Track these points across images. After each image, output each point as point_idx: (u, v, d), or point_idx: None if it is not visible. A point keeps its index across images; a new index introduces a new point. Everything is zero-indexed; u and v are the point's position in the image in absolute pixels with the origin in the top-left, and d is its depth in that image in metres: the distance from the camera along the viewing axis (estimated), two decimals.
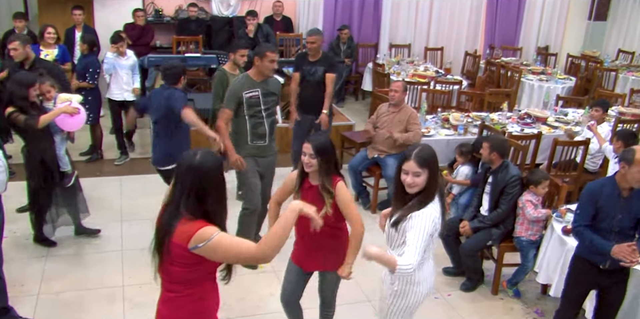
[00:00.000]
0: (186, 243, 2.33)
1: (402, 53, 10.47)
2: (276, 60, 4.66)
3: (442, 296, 4.67)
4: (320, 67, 6.12)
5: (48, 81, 5.00)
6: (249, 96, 4.63)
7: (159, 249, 2.43)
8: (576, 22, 11.65)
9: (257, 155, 4.79)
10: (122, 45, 6.83)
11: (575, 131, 6.45)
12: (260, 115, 4.70)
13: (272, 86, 4.80)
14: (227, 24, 9.68)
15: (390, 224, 2.98)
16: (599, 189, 3.53)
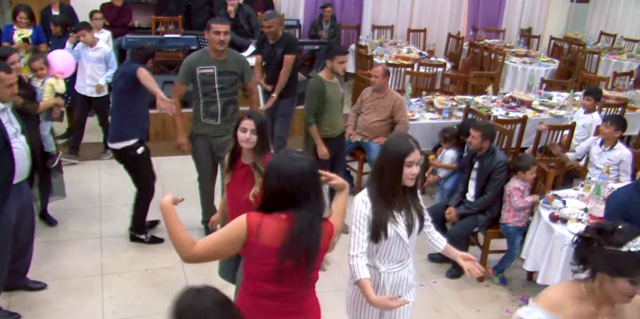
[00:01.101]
0: (328, 241, 2.43)
1: (385, 34, 10.34)
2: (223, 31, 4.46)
3: (427, 283, 4.63)
4: (279, 49, 5.92)
5: (41, 57, 4.99)
6: (202, 72, 4.53)
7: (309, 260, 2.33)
8: (559, 3, 11.61)
9: (210, 135, 4.68)
10: (84, 34, 6.14)
11: (561, 114, 6.43)
12: (214, 94, 4.59)
13: (233, 65, 4.66)
14: (207, 3, 9.43)
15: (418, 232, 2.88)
16: (627, 198, 3.37)
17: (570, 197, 4.42)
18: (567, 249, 3.90)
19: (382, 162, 2.69)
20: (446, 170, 5.40)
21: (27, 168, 3.72)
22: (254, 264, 2.36)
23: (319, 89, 4.84)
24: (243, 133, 3.17)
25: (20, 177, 3.67)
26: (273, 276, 2.32)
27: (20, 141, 3.67)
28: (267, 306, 2.40)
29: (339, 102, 5.06)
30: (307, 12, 10.13)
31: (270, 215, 2.31)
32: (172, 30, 8.67)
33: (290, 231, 2.27)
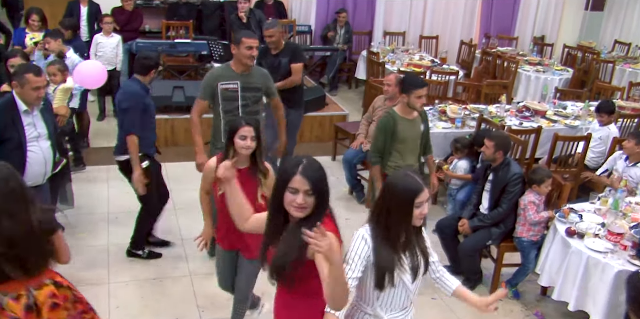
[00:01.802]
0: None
1: (397, 41, 10.27)
2: (255, 46, 4.29)
3: (439, 296, 4.54)
4: (284, 59, 5.65)
5: (59, 64, 4.98)
6: (225, 88, 4.32)
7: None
8: (572, 11, 11.49)
9: None
10: (48, 41, 5.62)
11: (575, 125, 6.33)
12: (237, 112, 4.37)
13: (259, 81, 4.47)
14: (219, 8, 9.41)
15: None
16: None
17: (587, 212, 4.33)
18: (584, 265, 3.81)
19: (389, 203, 2.39)
20: (459, 181, 5.32)
21: (42, 174, 3.70)
22: None
23: (387, 127, 4.32)
24: (243, 141, 3.19)
25: (32, 181, 3.64)
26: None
27: (41, 146, 3.66)
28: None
29: (416, 140, 4.47)
30: (319, 17, 10.07)
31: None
32: (183, 35, 8.63)
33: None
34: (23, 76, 3.53)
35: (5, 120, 3.57)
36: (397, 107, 4.40)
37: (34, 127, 3.64)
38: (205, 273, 4.62)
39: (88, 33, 7.93)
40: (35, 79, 3.55)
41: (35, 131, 3.64)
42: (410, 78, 4.42)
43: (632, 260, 3.70)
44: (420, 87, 4.21)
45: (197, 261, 4.77)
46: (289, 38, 9.37)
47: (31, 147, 3.60)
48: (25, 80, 3.53)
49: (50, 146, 3.74)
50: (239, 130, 3.19)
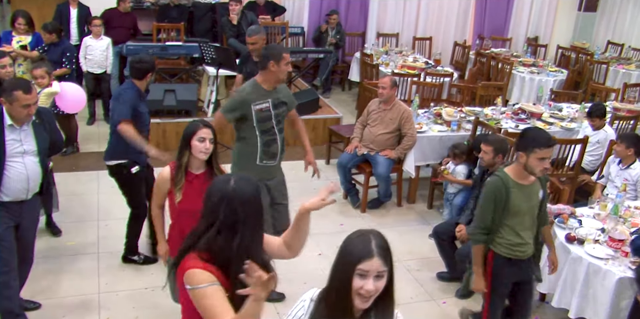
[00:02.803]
0: (181, 279, 2.12)
1: (390, 42, 10.20)
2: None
3: (436, 303, 4.47)
4: None
5: (45, 66, 4.84)
6: (259, 108, 3.96)
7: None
8: (566, 12, 11.46)
9: (266, 178, 4.09)
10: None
11: (572, 127, 6.27)
12: (273, 131, 4.07)
13: (283, 94, 4.15)
14: (210, 10, 9.31)
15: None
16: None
17: (586, 217, 4.26)
18: (584, 272, 3.75)
19: (334, 264, 1.90)
20: (456, 186, 5.25)
21: (24, 190, 3.51)
22: None
23: (498, 195, 3.32)
24: (201, 143, 3.08)
25: (12, 197, 3.49)
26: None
27: (25, 162, 3.47)
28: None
29: (533, 211, 3.44)
30: (312, 19, 9.99)
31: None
32: (174, 37, 8.52)
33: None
34: (12, 93, 3.30)
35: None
36: (510, 169, 3.36)
37: (20, 143, 3.45)
38: None
39: (78, 36, 7.81)
40: (25, 96, 3.31)
41: (20, 147, 3.45)
42: (533, 133, 3.31)
43: (634, 267, 3.63)
44: (545, 147, 3.18)
45: None
46: (282, 39, 9.29)
47: (12, 163, 3.41)
48: (14, 97, 3.31)
49: (38, 163, 3.55)
50: (197, 132, 3.08)
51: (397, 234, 5.45)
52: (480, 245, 3.47)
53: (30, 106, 3.36)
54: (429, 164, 6.05)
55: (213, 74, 7.09)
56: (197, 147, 3.08)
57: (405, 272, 4.84)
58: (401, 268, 4.91)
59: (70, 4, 7.82)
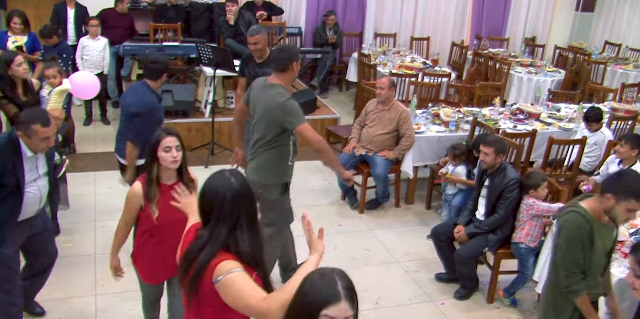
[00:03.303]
0: (210, 277, 2.12)
1: (388, 43, 10.18)
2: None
3: (435, 304, 4.45)
4: (268, 69, 4.94)
5: (57, 66, 4.84)
6: None
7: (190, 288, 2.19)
8: (563, 12, 11.47)
9: (291, 175, 4.17)
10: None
11: (570, 127, 6.26)
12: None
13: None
14: (207, 10, 9.26)
15: None
16: None
17: None
18: None
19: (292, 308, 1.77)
20: (456, 186, 5.24)
21: (36, 210, 3.48)
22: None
23: (582, 232, 2.94)
24: (168, 153, 2.91)
25: (28, 215, 3.45)
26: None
27: (39, 184, 3.40)
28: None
29: (607, 249, 3.13)
30: (309, 19, 9.98)
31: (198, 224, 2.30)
32: (171, 38, 8.49)
33: (189, 244, 2.24)
34: (29, 127, 3.14)
35: (5, 164, 3.22)
36: (588, 204, 3.00)
37: (36, 170, 3.36)
38: None
39: (75, 36, 7.78)
40: (44, 129, 3.14)
41: (36, 173, 3.37)
42: (635, 181, 2.92)
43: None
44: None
45: None
46: (279, 40, 9.26)
47: (29, 188, 3.34)
48: (33, 131, 3.14)
49: (47, 182, 3.48)
50: (160, 142, 2.91)
51: (396, 235, 5.44)
52: (584, 296, 2.99)
53: (49, 138, 3.21)
54: (427, 164, 6.03)
55: (210, 75, 7.06)
56: (164, 157, 2.92)
57: (403, 273, 4.83)
58: (399, 269, 4.90)
59: (67, 4, 7.79)
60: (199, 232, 2.23)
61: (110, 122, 7.83)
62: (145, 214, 3.05)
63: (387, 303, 4.42)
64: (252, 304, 2.04)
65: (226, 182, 2.18)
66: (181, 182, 3.04)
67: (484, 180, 4.50)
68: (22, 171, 3.25)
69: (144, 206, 3.04)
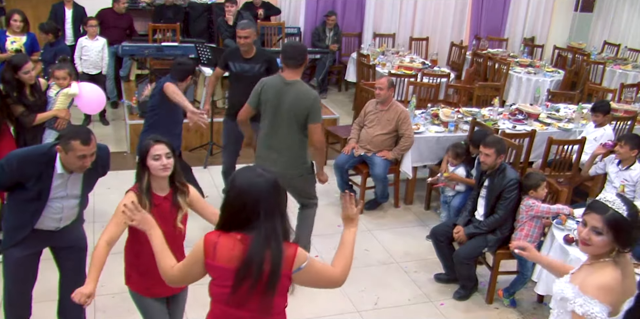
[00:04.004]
0: (290, 268, 2.22)
1: (387, 43, 10.18)
2: None
3: (434, 305, 4.44)
4: (256, 65, 5.16)
5: (67, 68, 4.85)
6: None
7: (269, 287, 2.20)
8: (562, 12, 11.48)
9: None
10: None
11: (569, 128, 6.26)
12: None
13: None
14: (206, 11, 9.26)
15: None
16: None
17: None
18: None
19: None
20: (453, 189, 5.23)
21: (53, 227, 3.40)
22: (214, 285, 2.29)
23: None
24: (157, 161, 2.82)
25: (45, 228, 3.37)
26: (231, 299, 2.22)
27: (64, 204, 3.30)
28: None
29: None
30: (308, 19, 9.97)
31: (226, 235, 2.23)
32: (170, 38, 8.48)
33: (246, 252, 2.16)
34: (69, 142, 3.04)
35: (32, 173, 3.13)
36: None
37: (65, 188, 3.26)
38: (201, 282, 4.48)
39: (73, 36, 7.77)
40: (82, 147, 3.03)
41: (63, 192, 3.26)
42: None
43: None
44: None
45: None
46: (278, 40, 9.25)
47: (52, 203, 3.26)
48: (71, 146, 3.04)
49: (77, 205, 3.39)
50: (149, 150, 2.83)
51: (395, 235, 5.43)
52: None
53: (85, 157, 3.09)
54: (426, 165, 6.02)
55: (209, 75, 7.05)
56: (154, 166, 2.83)
57: (402, 273, 4.82)
58: (399, 269, 4.89)
59: (65, 4, 7.78)
60: (245, 234, 2.19)
61: (109, 123, 7.83)
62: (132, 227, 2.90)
63: (387, 303, 4.42)
64: (333, 278, 2.35)
65: (263, 177, 2.20)
66: (175, 192, 2.96)
67: (483, 180, 4.49)
68: (49, 184, 3.17)
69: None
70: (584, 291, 2.27)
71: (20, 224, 3.31)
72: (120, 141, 7.25)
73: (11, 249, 3.37)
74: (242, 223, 2.19)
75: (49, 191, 3.20)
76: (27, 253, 3.41)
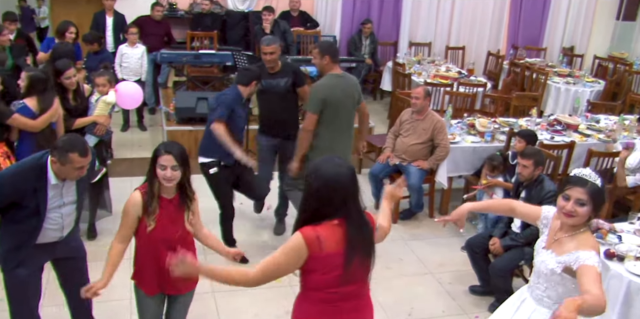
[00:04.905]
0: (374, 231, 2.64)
1: (422, 52, 10.13)
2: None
3: (468, 317, 4.38)
4: (282, 79, 5.04)
5: (107, 75, 4.96)
6: None
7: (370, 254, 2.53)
8: (603, 21, 11.24)
9: None
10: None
11: (609, 140, 6.12)
12: None
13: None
14: (243, 19, 9.37)
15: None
16: None
17: (626, 232, 4.14)
18: (624, 290, 3.63)
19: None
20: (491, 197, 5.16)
21: (56, 237, 3.36)
22: (318, 276, 2.46)
23: None
24: (162, 171, 2.87)
25: (48, 241, 3.34)
26: (341, 280, 2.45)
27: (62, 212, 3.29)
28: (339, 308, 2.52)
29: None
30: (344, 28, 9.98)
31: (321, 225, 2.40)
32: (208, 46, 8.59)
33: (347, 233, 2.41)
34: (66, 155, 3.02)
35: (26, 189, 3.10)
36: None
37: (60, 197, 3.23)
38: (228, 289, 4.49)
39: (113, 44, 7.92)
40: (80, 159, 3.03)
41: (60, 200, 3.24)
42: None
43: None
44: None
45: None
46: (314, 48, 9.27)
47: (50, 215, 3.22)
48: (69, 159, 3.02)
49: (74, 210, 3.36)
50: (157, 159, 2.89)
51: (429, 245, 5.38)
52: None
53: (83, 168, 3.10)
54: (462, 175, 5.96)
55: None
56: (159, 174, 2.89)
57: (437, 285, 4.77)
58: (433, 280, 4.84)
59: (106, 12, 7.94)
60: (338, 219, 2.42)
61: (147, 129, 7.95)
62: (141, 226, 2.99)
63: (421, 314, 4.37)
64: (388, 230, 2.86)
65: (343, 165, 2.44)
66: (181, 196, 3.02)
67: (521, 192, 4.42)
68: (45, 197, 3.15)
69: (141, 218, 2.97)
70: (582, 249, 2.56)
71: (20, 244, 3.25)
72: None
73: (16, 270, 3.29)
74: (333, 210, 2.41)
75: (46, 203, 3.16)
76: (32, 269, 3.36)
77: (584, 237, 2.64)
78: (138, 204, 2.95)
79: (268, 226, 5.52)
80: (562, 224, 2.72)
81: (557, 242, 2.71)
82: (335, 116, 4.64)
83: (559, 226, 2.76)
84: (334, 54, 4.65)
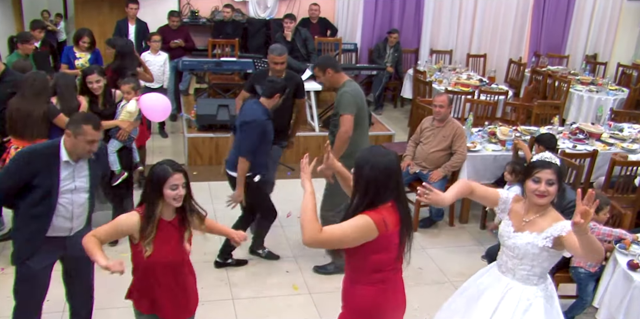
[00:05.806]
0: None
1: (444, 59, 10.10)
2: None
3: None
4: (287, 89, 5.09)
5: (132, 83, 5.05)
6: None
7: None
8: (627, 29, 11.11)
9: None
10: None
11: (633, 148, 6.05)
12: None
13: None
14: (264, 26, 9.43)
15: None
16: None
17: None
18: None
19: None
20: None
21: (67, 228, 3.39)
22: (382, 255, 2.67)
23: None
24: (174, 191, 2.84)
25: (55, 233, 3.37)
26: (397, 256, 2.70)
27: (73, 199, 3.33)
28: (395, 284, 2.81)
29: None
30: (365, 36, 10.00)
31: (382, 208, 2.61)
32: (229, 53, 8.66)
33: (401, 213, 2.66)
34: (80, 126, 3.17)
35: (40, 167, 3.21)
36: None
37: (72, 179, 3.29)
38: (248, 296, 4.53)
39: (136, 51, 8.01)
40: (93, 132, 3.18)
41: (71, 183, 3.29)
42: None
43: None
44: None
45: (239, 284, 4.68)
46: (334, 56, 9.31)
47: (61, 199, 3.27)
48: (82, 130, 3.16)
49: (87, 200, 3.40)
50: (168, 179, 2.83)
51: (449, 254, 5.35)
52: None
53: (94, 142, 3.23)
54: (483, 183, 5.91)
55: None
56: (169, 195, 2.84)
57: None
58: (452, 289, 4.79)
59: (129, 20, 8.04)
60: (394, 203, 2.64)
61: (168, 136, 8.02)
62: (137, 250, 2.92)
63: None
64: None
65: (390, 153, 2.68)
66: (181, 216, 3.00)
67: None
68: (58, 176, 3.22)
69: (137, 242, 2.91)
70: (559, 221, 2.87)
71: (33, 234, 3.31)
72: (178, 153, 7.40)
73: (27, 262, 3.35)
74: (390, 194, 2.61)
75: (58, 183, 3.24)
76: (43, 264, 3.41)
77: (553, 214, 2.95)
78: (134, 226, 2.87)
79: (287, 232, 5.54)
80: (531, 206, 2.97)
81: (530, 223, 2.94)
82: (363, 119, 4.70)
83: (524, 209, 3.01)
84: (334, 65, 4.64)
